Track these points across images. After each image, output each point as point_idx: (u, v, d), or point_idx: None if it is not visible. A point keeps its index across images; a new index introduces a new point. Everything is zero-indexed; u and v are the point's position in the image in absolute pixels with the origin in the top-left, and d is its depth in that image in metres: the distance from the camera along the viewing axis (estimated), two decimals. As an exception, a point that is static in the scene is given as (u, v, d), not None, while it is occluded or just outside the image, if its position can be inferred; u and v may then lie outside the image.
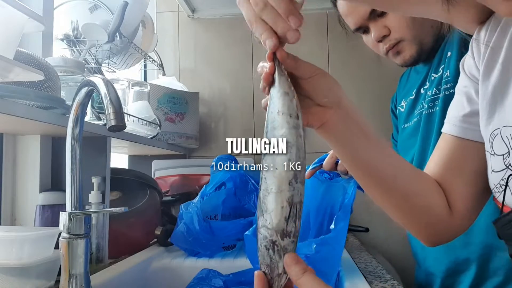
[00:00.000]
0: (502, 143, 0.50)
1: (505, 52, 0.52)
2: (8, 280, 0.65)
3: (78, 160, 0.64)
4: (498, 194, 0.52)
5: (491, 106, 0.53)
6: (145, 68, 1.86)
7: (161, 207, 1.27)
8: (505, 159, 0.50)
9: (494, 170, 0.52)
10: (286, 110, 0.44)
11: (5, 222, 0.88)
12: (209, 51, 1.89)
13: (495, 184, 0.52)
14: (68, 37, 1.22)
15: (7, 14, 0.63)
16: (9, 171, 0.89)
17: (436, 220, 0.61)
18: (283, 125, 0.43)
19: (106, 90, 0.58)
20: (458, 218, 0.61)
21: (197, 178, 1.64)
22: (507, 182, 0.50)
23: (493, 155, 0.53)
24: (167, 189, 1.58)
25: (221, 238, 1.07)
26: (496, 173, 0.52)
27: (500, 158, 0.51)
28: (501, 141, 0.51)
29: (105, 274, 0.86)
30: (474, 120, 0.58)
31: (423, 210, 0.61)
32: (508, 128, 0.50)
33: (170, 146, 1.54)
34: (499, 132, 0.51)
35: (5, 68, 0.62)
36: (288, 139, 0.43)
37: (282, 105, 0.44)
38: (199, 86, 1.84)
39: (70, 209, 0.63)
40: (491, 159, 0.53)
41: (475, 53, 0.58)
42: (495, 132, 0.52)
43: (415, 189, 0.61)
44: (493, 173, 0.53)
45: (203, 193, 1.14)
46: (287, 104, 0.44)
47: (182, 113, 1.57)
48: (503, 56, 0.52)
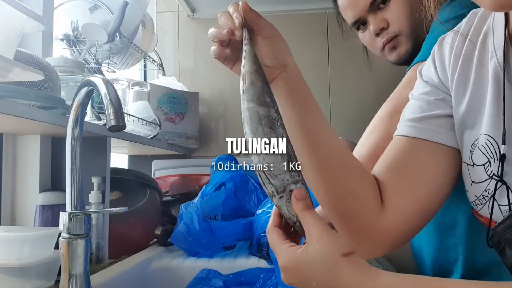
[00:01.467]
0: (480, 153, 0.50)
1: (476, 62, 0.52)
2: (8, 280, 0.65)
3: (78, 160, 0.64)
4: (481, 206, 0.51)
5: (468, 117, 0.53)
6: (145, 68, 1.86)
7: (161, 207, 1.27)
8: (487, 168, 0.50)
9: (475, 181, 0.51)
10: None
11: (5, 222, 0.88)
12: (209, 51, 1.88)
13: (477, 196, 0.51)
14: (68, 37, 1.22)
15: (7, 14, 0.63)
16: (9, 171, 0.89)
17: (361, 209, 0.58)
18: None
19: (106, 90, 0.57)
20: (392, 215, 0.57)
21: (197, 178, 1.64)
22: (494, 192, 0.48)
23: (472, 165, 0.52)
24: (167, 189, 1.58)
25: (221, 238, 1.07)
26: (478, 184, 0.51)
27: (480, 168, 0.50)
28: (479, 151, 0.51)
29: (105, 274, 0.86)
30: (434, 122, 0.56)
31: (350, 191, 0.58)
32: (483, 136, 0.50)
33: (170, 146, 1.54)
34: (477, 142, 0.51)
35: (5, 68, 0.62)
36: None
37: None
38: (199, 86, 1.84)
39: (70, 209, 0.63)
40: (469, 170, 0.52)
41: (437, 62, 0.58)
42: (476, 143, 0.52)
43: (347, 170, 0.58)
44: (474, 184, 0.51)
45: (203, 193, 1.14)
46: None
47: (182, 113, 1.57)
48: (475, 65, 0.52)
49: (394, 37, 0.93)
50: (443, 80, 0.58)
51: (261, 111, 0.48)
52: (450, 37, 0.58)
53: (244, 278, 0.85)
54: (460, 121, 0.54)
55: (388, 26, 0.92)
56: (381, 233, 0.58)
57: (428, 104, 0.58)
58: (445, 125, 0.57)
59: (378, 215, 0.57)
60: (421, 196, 0.57)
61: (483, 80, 0.52)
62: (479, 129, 0.52)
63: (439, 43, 0.59)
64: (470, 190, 0.53)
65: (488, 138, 0.50)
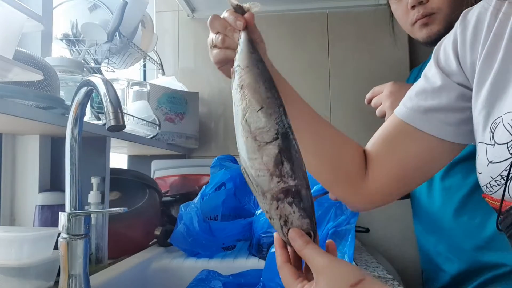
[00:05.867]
0: (505, 131, 0.49)
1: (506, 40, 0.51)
2: (7, 280, 0.65)
3: (77, 160, 0.63)
4: (497, 188, 0.50)
5: (492, 95, 0.52)
6: (145, 68, 1.85)
7: (161, 208, 1.26)
8: (510, 147, 0.48)
9: (493, 161, 0.50)
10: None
11: (4, 223, 0.88)
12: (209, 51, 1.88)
13: (494, 177, 0.50)
14: (68, 37, 1.21)
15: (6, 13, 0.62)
16: (8, 171, 0.89)
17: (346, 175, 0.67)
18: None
19: (106, 90, 0.57)
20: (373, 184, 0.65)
21: (197, 178, 1.63)
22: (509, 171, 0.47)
23: (492, 145, 0.51)
24: (166, 189, 1.58)
25: (221, 239, 1.07)
26: (496, 164, 0.50)
27: (503, 147, 0.49)
28: (504, 129, 0.49)
29: (105, 274, 0.85)
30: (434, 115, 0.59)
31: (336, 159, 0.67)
32: (509, 115, 0.49)
33: (170, 146, 1.54)
34: (501, 120, 0.50)
35: (4, 67, 0.62)
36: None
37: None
38: (199, 86, 1.84)
39: (69, 209, 0.63)
40: (488, 150, 0.51)
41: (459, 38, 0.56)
42: (497, 121, 0.50)
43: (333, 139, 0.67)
44: (491, 164, 0.50)
45: (203, 194, 1.14)
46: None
47: (182, 113, 1.57)
48: (505, 44, 0.51)
49: (430, 14, 0.90)
50: (461, 59, 0.57)
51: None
52: (476, 10, 0.56)
53: (244, 280, 0.85)
54: (483, 98, 0.53)
55: (428, 1, 0.89)
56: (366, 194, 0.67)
57: (432, 91, 0.59)
58: (442, 118, 0.58)
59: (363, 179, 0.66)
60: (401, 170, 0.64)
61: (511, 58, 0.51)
62: (502, 107, 0.50)
63: (462, 17, 0.57)
64: (484, 172, 0.52)
65: None
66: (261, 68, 0.52)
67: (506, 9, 0.52)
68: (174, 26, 1.91)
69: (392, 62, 1.73)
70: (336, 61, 1.84)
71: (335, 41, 1.84)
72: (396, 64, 1.77)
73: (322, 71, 1.85)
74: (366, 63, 1.82)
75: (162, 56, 1.82)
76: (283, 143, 0.46)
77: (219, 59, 0.60)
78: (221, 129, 1.86)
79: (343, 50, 1.84)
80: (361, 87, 1.83)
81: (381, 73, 1.82)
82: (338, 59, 1.84)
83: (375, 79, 1.82)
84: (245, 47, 0.54)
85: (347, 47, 1.84)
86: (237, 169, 1.21)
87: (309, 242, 0.44)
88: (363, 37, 1.80)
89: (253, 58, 0.52)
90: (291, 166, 0.45)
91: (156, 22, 1.80)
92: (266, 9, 1.85)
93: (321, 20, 1.85)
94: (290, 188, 0.45)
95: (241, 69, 0.53)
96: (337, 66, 1.83)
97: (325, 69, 1.85)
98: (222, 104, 1.86)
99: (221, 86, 1.87)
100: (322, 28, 1.85)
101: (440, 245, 0.98)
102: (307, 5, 1.83)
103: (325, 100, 1.84)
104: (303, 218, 0.45)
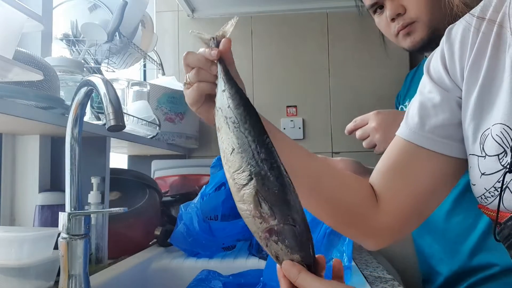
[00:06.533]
0: (494, 143, 0.49)
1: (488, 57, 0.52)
2: (8, 280, 0.65)
3: (77, 160, 0.63)
4: (492, 199, 0.50)
5: (479, 107, 0.52)
6: (145, 67, 1.86)
7: (161, 208, 1.26)
8: (501, 159, 0.48)
9: (486, 173, 0.50)
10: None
11: (4, 223, 0.88)
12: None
13: (488, 188, 0.50)
14: (68, 37, 1.21)
15: (6, 13, 0.62)
16: (8, 171, 0.89)
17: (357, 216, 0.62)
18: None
19: (106, 90, 0.57)
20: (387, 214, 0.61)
21: (197, 178, 1.63)
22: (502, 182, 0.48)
23: (484, 157, 0.51)
24: (166, 189, 1.58)
25: (221, 239, 1.07)
26: (488, 176, 0.50)
27: (493, 159, 0.49)
28: (493, 141, 0.49)
29: (105, 274, 0.85)
30: (437, 130, 0.57)
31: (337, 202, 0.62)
32: (497, 126, 0.49)
33: (170, 146, 1.54)
34: (489, 132, 0.50)
35: (4, 67, 0.62)
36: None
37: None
38: (198, 86, 1.84)
39: (69, 209, 0.63)
40: (479, 162, 0.51)
41: (446, 53, 0.57)
42: (486, 133, 0.50)
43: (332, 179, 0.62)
44: (484, 176, 0.51)
45: (203, 194, 1.14)
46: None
47: (182, 113, 1.57)
48: (487, 59, 0.51)
49: (410, 23, 0.91)
50: (451, 74, 0.57)
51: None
52: (460, 26, 0.56)
53: (244, 280, 0.85)
54: (470, 111, 0.53)
55: (405, 12, 0.90)
56: (379, 232, 0.63)
57: (433, 107, 0.58)
58: (447, 134, 0.57)
59: (374, 217, 0.61)
60: (415, 198, 0.60)
61: (496, 70, 0.51)
62: (490, 119, 0.50)
63: (447, 33, 0.58)
64: (478, 183, 0.52)
65: (504, 127, 0.48)
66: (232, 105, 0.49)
67: (485, 28, 0.53)
68: (174, 26, 1.91)
69: (392, 62, 1.73)
70: (336, 61, 1.84)
71: (335, 41, 1.84)
72: (396, 64, 1.77)
73: (322, 71, 1.85)
74: (366, 63, 1.83)
75: (162, 56, 1.82)
76: (257, 183, 0.45)
77: (193, 98, 0.56)
78: (221, 129, 1.85)
79: (343, 50, 1.84)
80: (361, 87, 1.84)
81: (381, 73, 1.82)
82: (338, 59, 1.84)
83: (375, 79, 1.83)
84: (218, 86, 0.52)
85: (347, 47, 1.84)
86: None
87: (302, 270, 0.44)
88: (363, 37, 1.80)
89: (224, 96, 0.50)
90: (269, 206, 0.44)
91: (156, 22, 1.80)
92: (266, 9, 1.85)
93: (321, 20, 1.86)
94: (272, 227, 0.44)
95: (216, 110, 0.51)
96: (337, 66, 1.83)
97: (325, 69, 1.85)
98: (222, 104, 1.86)
99: (221, 86, 1.87)
100: (322, 28, 1.85)
101: (434, 247, 0.99)
102: (307, 5, 1.83)
103: (325, 100, 1.84)
104: (292, 254, 0.45)
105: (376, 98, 1.75)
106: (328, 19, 1.85)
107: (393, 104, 1.25)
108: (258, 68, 1.85)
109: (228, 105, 0.49)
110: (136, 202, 1.12)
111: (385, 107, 1.39)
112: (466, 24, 0.55)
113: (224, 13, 1.85)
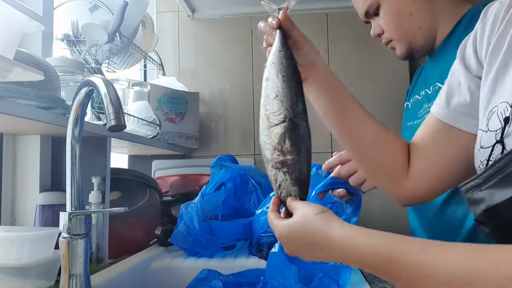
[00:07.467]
0: (497, 119, 0.51)
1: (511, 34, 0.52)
2: (8, 280, 0.65)
3: (78, 160, 0.64)
4: None
5: (493, 85, 0.54)
6: (145, 68, 1.86)
7: (161, 207, 1.27)
8: (497, 134, 0.51)
9: (483, 146, 0.53)
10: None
11: (5, 222, 0.88)
12: (209, 51, 1.89)
13: (482, 161, 0.53)
14: (68, 37, 1.22)
15: (7, 14, 0.63)
16: (9, 171, 0.89)
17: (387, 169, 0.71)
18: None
19: (106, 90, 0.58)
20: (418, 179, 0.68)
21: (197, 178, 1.64)
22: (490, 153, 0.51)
23: (486, 132, 0.53)
24: (167, 189, 1.58)
25: (221, 238, 1.07)
26: (485, 149, 0.53)
27: (492, 134, 0.52)
28: (496, 117, 0.52)
29: (105, 274, 0.86)
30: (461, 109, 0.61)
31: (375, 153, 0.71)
32: (503, 104, 0.51)
33: (170, 146, 1.54)
34: (496, 109, 0.52)
35: (5, 68, 0.62)
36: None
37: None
38: (199, 86, 1.84)
39: (70, 209, 0.63)
40: (482, 136, 0.54)
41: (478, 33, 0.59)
42: (493, 110, 0.53)
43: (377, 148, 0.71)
44: (482, 149, 0.54)
45: (203, 193, 1.14)
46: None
47: (182, 113, 1.57)
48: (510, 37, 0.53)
49: (390, 41, 0.99)
50: (479, 54, 0.59)
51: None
52: (496, 6, 0.58)
53: (244, 279, 0.85)
54: (486, 89, 0.56)
55: (383, 32, 0.98)
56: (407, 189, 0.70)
57: (458, 87, 0.62)
58: (469, 113, 0.61)
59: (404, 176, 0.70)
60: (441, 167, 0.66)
61: None
62: (500, 97, 0.52)
63: (483, 13, 0.60)
64: (476, 157, 0.55)
65: (507, 106, 0.50)
66: (284, 63, 0.60)
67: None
68: (175, 26, 1.91)
69: (392, 62, 1.73)
70: (336, 61, 1.84)
71: (335, 41, 1.85)
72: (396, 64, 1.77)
73: (322, 71, 1.85)
74: (366, 63, 1.83)
75: (162, 57, 1.82)
76: (289, 125, 0.56)
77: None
78: (221, 129, 1.86)
79: (343, 50, 1.84)
80: (361, 87, 1.84)
81: (381, 73, 1.82)
82: (338, 59, 1.84)
83: (375, 79, 1.83)
84: (274, 45, 0.63)
85: (347, 47, 1.84)
86: (237, 169, 1.21)
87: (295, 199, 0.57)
88: (363, 37, 1.80)
89: (280, 55, 0.61)
90: (291, 145, 0.56)
91: (156, 23, 1.80)
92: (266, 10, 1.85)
93: (321, 20, 1.86)
94: (286, 161, 0.56)
95: (268, 64, 0.62)
96: (337, 66, 1.83)
97: (325, 69, 1.85)
98: (222, 104, 1.86)
99: (221, 86, 1.87)
100: (322, 28, 1.86)
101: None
102: (307, 6, 1.83)
103: (325, 100, 1.84)
104: (293, 186, 0.57)
105: (376, 98, 1.75)
106: (328, 19, 1.85)
107: (393, 103, 1.26)
108: (258, 68, 1.85)
109: (281, 63, 0.61)
110: (136, 202, 1.13)
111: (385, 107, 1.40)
112: (500, 5, 0.57)
113: (224, 13, 1.86)
